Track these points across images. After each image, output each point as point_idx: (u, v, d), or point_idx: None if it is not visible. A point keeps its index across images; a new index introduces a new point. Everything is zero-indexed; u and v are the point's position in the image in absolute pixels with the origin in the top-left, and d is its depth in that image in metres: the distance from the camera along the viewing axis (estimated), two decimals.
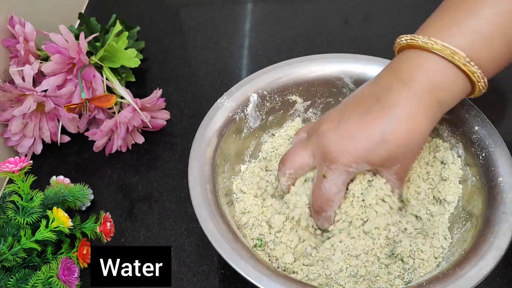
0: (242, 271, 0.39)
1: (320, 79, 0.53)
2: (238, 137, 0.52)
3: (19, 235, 0.43)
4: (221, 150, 0.49)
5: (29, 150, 0.56)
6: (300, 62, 0.53)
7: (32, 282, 0.42)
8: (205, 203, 0.43)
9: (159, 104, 0.58)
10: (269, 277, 0.39)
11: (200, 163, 0.46)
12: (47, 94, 0.52)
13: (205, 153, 0.47)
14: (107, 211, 0.49)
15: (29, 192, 0.44)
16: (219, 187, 0.47)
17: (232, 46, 0.71)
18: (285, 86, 0.53)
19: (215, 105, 0.51)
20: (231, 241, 0.41)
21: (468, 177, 0.47)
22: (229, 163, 0.50)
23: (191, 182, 0.45)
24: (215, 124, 0.49)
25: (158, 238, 0.51)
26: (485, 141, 0.46)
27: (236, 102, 0.51)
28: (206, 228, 0.42)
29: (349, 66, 0.53)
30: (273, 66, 0.53)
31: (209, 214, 0.43)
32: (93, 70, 0.54)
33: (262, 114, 0.53)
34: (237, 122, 0.51)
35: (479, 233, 0.42)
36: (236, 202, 0.49)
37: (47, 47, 0.52)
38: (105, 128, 0.54)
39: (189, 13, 0.76)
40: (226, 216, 0.44)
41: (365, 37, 0.72)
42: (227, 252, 0.40)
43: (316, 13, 0.75)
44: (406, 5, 0.76)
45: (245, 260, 0.40)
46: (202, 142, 0.48)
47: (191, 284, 0.48)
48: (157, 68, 0.68)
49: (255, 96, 0.52)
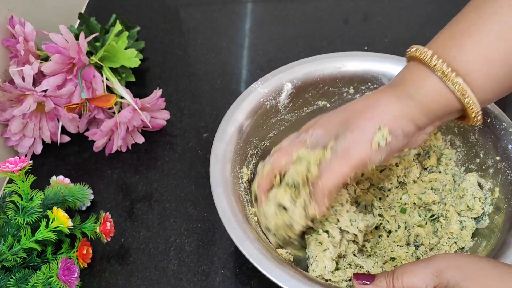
0: (245, 251, 0.39)
1: (358, 75, 0.53)
2: (266, 125, 0.52)
3: (19, 235, 0.43)
4: (248, 134, 0.49)
5: (29, 150, 0.56)
6: (339, 57, 0.54)
7: (32, 282, 0.42)
8: (222, 180, 0.44)
9: (159, 104, 0.58)
10: (270, 261, 0.39)
11: (224, 143, 0.47)
12: (47, 94, 0.52)
13: (231, 134, 0.48)
14: (107, 211, 0.49)
15: (29, 192, 0.44)
16: (239, 168, 0.47)
17: (232, 46, 0.71)
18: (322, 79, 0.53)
19: (249, 88, 0.51)
20: (240, 221, 0.42)
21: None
22: (256, 147, 0.50)
23: (213, 159, 0.46)
24: (246, 107, 0.50)
25: (158, 238, 0.51)
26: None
27: (269, 89, 0.51)
28: (219, 204, 0.42)
29: (387, 67, 0.53)
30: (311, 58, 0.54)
31: (224, 192, 0.43)
32: (93, 70, 0.54)
33: (293, 107, 0.53)
34: (267, 108, 0.51)
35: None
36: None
37: (47, 47, 0.52)
38: (105, 128, 0.54)
39: (189, 13, 0.76)
40: (242, 198, 0.45)
41: (365, 37, 0.72)
42: (234, 230, 0.41)
43: (316, 13, 0.75)
44: (406, 5, 0.76)
45: (251, 241, 0.40)
46: (229, 123, 0.48)
47: (191, 284, 0.48)
48: (157, 68, 0.68)
49: (289, 85, 0.52)
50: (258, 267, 0.39)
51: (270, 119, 0.52)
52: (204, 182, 0.56)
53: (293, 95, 0.52)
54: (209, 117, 0.62)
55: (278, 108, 0.52)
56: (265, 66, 0.53)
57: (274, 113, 0.52)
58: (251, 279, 0.48)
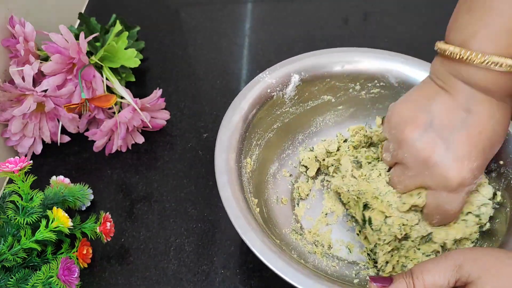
0: (248, 241, 0.40)
1: (365, 72, 0.53)
2: (271, 116, 0.52)
3: (19, 235, 0.43)
4: (253, 124, 0.49)
5: (29, 150, 0.56)
6: (348, 52, 0.54)
7: (32, 282, 0.42)
8: (226, 169, 0.44)
9: (159, 104, 0.58)
10: (274, 252, 0.39)
11: (230, 131, 0.47)
12: (47, 94, 0.52)
13: (236, 123, 0.48)
14: (107, 211, 0.49)
15: (29, 192, 0.44)
16: (243, 158, 0.47)
17: (232, 46, 0.71)
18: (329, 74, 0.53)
19: (256, 78, 0.51)
20: (244, 210, 0.42)
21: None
22: (260, 138, 0.51)
23: (218, 148, 0.46)
24: (252, 97, 0.50)
25: (158, 238, 0.51)
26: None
27: (277, 79, 0.51)
28: (223, 193, 0.42)
29: (395, 66, 0.53)
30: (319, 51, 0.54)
31: (228, 181, 0.43)
32: (93, 70, 0.54)
33: (299, 100, 0.53)
34: (274, 99, 0.51)
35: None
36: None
37: (47, 47, 0.52)
38: (105, 128, 0.54)
39: (189, 13, 0.76)
40: (245, 188, 0.45)
41: (365, 37, 0.72)
42: (238, 220, 0.41)
43: (316, 13, 0.75)
44: (405, 5, 0.76)
45: (254, 232, 0.40)
46: (235, 112, 0.48)
47: (191, 284, 0.48)
48: (157, 68, 0.68)
49: (297, 77, 0.52)
50: (260, 257, 0.39)
51: (276, 110, 0.52)
52: (204, 182, 0.56)
53: (300, 88, 0.52)
54: (209, 117, 0.62)
55: (284, 100, 0.52)
56: (265, 66, 0.53)
57: (280, 104, 0.52)
58: (251, 279, 0.49)
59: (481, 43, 0.38)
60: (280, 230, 0.49)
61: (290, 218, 0.51)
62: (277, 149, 0.54)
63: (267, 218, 0.48)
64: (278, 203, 0.51)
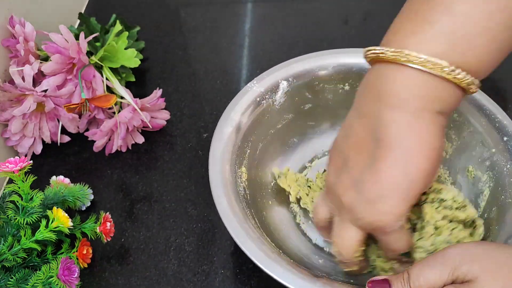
0: (247, 251, 0.40)
1: (353, 72, 0.53)
2: (264, 123, 0.52)
3: (19, 235, 0.43)
4: (245, 133, 0.49)
5: (29, 150, 0.56)
6: (336, 54, 0.54)
7: (32, 282, 0.42)
8: (221, 181, 0.44)
9: (159, 104, 0.58)
10: (274, 260, 0.39)
11: (222, 143, 0.47)
12: (47, 94, 0.52)
13: (229, 134, 0.48)
14: (107, 211, 0.49)
15: (29, 192, 0.44)
16: (237, 168, 0.47)
17: (232, 46, 0.71)
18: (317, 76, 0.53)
19: (244, 88, 0.51)
20: (241, 220, 0.42)
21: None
22: (253, 146, 0.51)
23: (211, 160, 0.46)
24: (242, 107, 0.50)
25: (158, 238, 0.51)
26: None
27: (265, 88, 0.51)
28: (219, 205, 0.43)
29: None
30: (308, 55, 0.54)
31: (224, 193, 0.44)
32: (93, 70, 0.54)
33: (290, 105, 0.53)
34: (264, 107, 0.51)
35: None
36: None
37: (47, 47, 0.52)
38: (105, 128, 0.54)
39: (189, 13, 0.76)
40: (241, 198, 0.45)
41: (365, 37, 0.71)
42: (236, 230, 0.41)
43: (316, 13, 0.75)
44: None
45: (252, 241, 0.40)
46: (226, 123, 0.48)
47: (191, 284, 0.48)
48: (157, 68, 0.68)
49: (285, 83, 0.52)
50: (261, 266, 0.39)
51: (267, 118, 0.52)
52: (204, 182, 0.56)
53: (289, 93, 0.52)
54: (209, 117, 0.62)
55: (275, 106, 0.52)
56: (265, 66, 0.53)
57: (271, 111, 0.52)
58: (251, 279, 0.49)
59: (420, 44, 0.35)
60: (279, 234, 0.49)
61: (291, 221, 0.51)
62: (272, 155, 0.54)
63: (265, 224, 0.48)
64: (276, 208, 0.51)
